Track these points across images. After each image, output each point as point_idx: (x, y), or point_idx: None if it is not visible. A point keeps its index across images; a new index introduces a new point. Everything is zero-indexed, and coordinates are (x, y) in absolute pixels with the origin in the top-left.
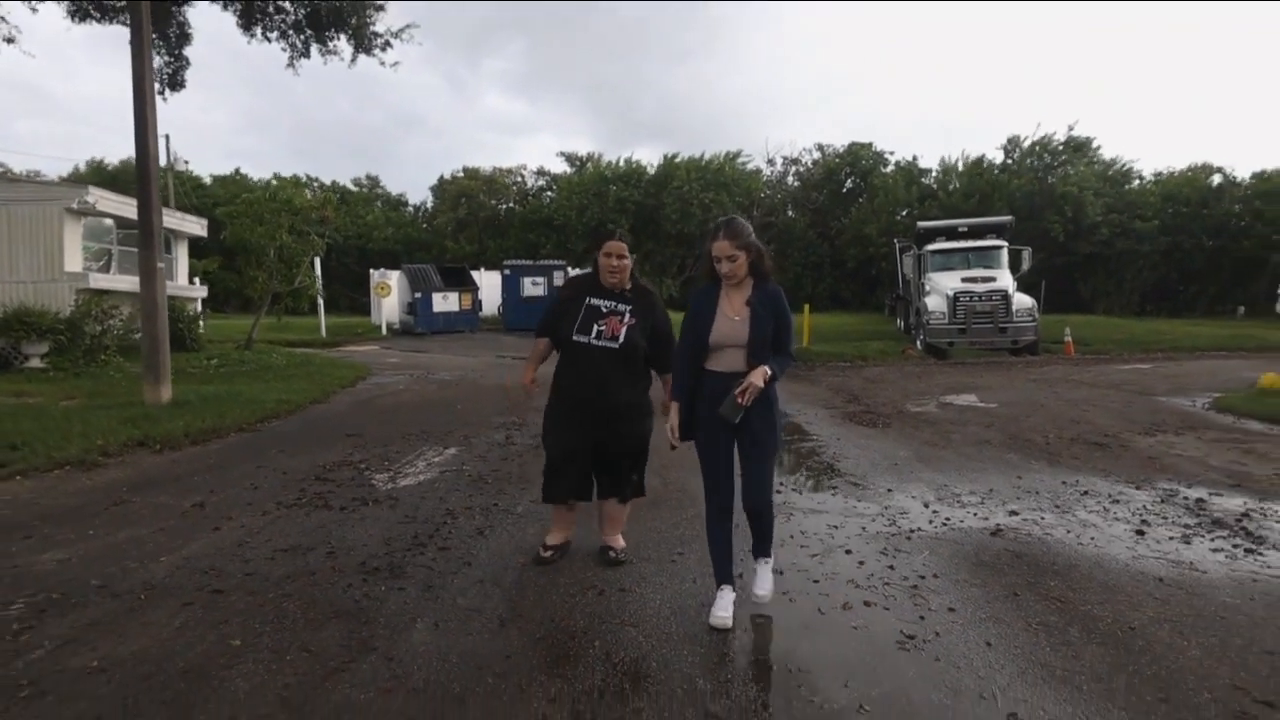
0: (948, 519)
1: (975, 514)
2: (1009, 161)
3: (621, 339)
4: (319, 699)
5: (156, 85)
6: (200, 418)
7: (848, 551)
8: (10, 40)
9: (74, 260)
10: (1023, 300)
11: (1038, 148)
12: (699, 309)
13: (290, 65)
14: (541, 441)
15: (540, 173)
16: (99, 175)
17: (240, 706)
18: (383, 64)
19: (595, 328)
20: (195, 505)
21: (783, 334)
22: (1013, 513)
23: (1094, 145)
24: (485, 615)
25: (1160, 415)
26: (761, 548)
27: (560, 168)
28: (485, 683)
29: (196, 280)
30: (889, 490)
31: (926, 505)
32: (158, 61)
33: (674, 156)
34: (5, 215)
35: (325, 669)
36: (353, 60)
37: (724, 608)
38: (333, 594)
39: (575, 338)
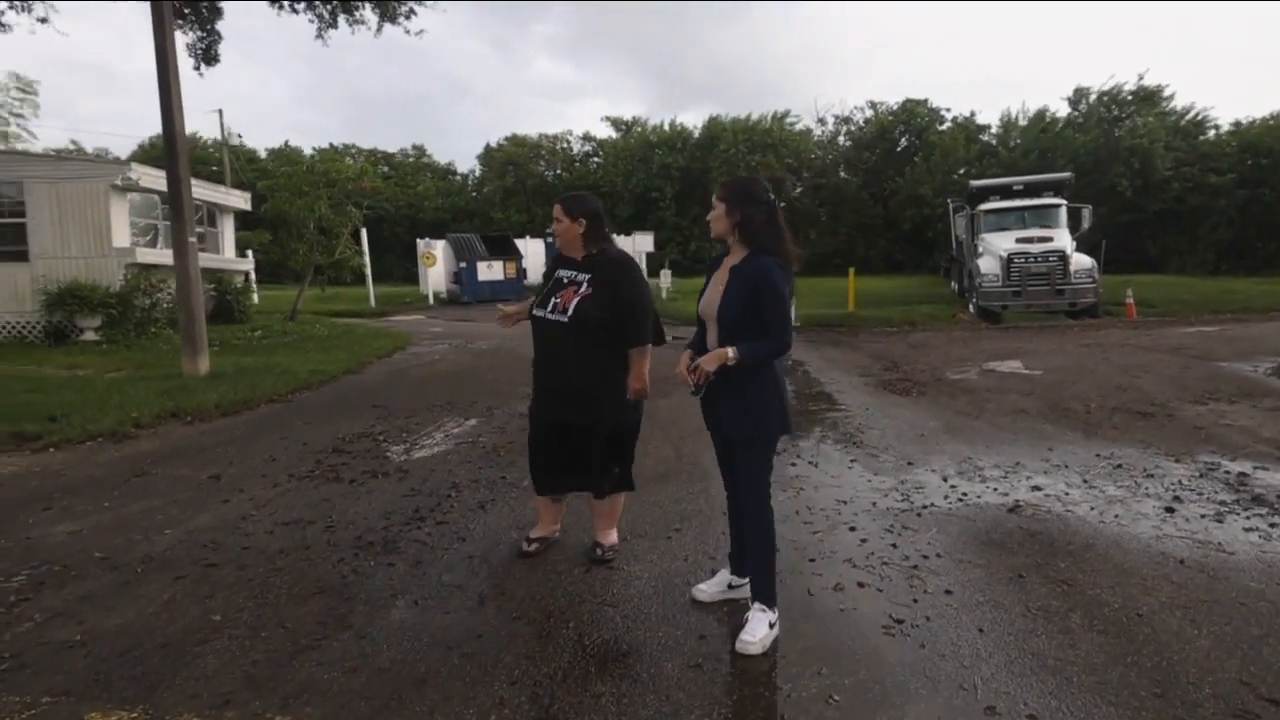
0: (964, 494)
1: (995, 489)
2: (1075, 114)
3: (570, 311)
4: (283, 677)
5: (191, 60)
6: (234, 389)
7: (852, 528)
8: (44, 20)
9: (122, 236)
10: (1081, 260)
11: (1106, 99)
12: (706, 276)
13: (319, 36)
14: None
15: (586, 138)
16: (157, 152)
17: (205, 683)
18: (408, 32)
19: (551, 300)
20: (211, 477)
21: (765, 313)
22: (1035, 488)
23: (1166, 94)
24: (466, 593)
25: (1216, 382)
26: (755, 582)
27: (606, 133)
28: (451, 664)
29: (249, 254)
30: (909, 463)
31: (945, 479)
32: (190, 37)
33: (720, 118)
34: (55, 193)
35: (296, 646)
36: (378, 29)
37: (708, 584)
38: (322, 569)
39: (535, 312)
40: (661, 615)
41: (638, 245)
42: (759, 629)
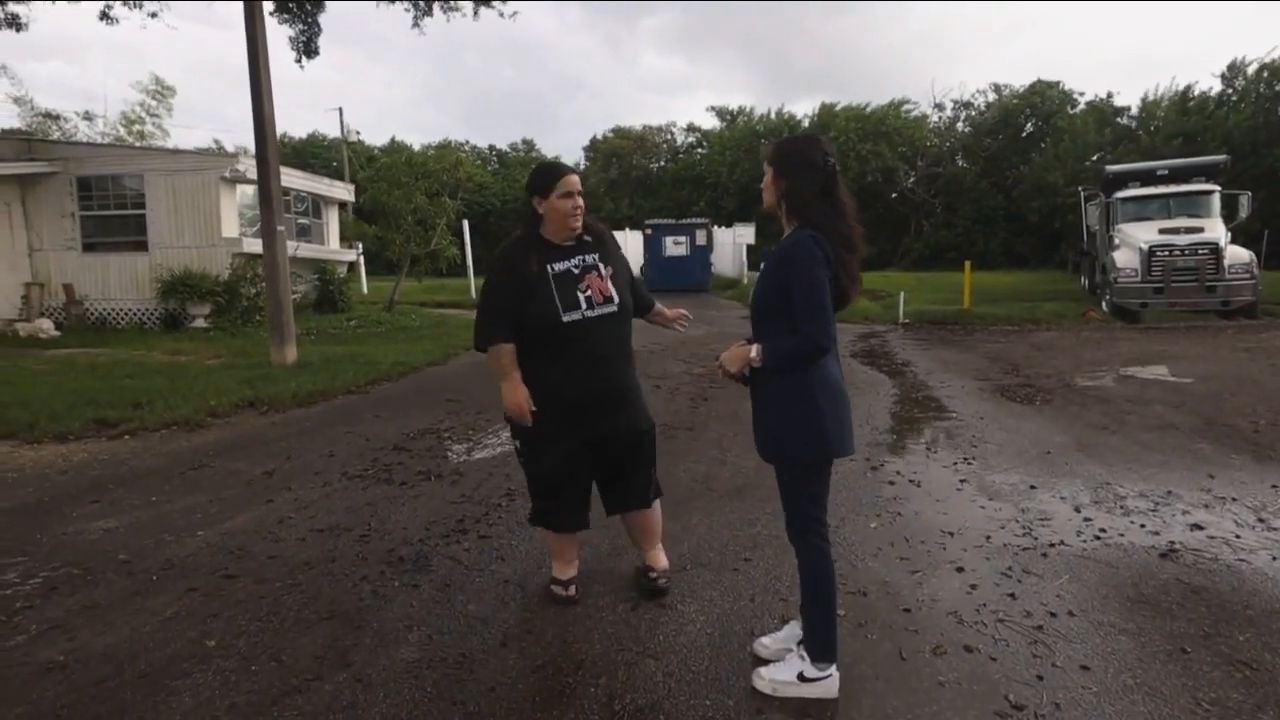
0: (1103, 530)
1: (1142, 525)
2: (1229, 92)
3: (617, 297)
4: None
5: (292, 54)
6: (314, 380)
7: (959, 569)
8: (154, 15)
9: (230, 226)
10: (1238, 254)
11: (1266, 72)
12: None
13: (415, 25)
14: (524, 465)
15: (691, 129)
16: (282, 149)
17: None
18: (501, 15)
19: (580, 296)
20: (265, 473)
21: (795, 303)
22: (1196, 526)
23: None
24: (490, 629)
25: None
26: (804, 618)
27: (711, 123)
28: None
29: (358, 245)
30: (1031, 487)
31: (1078, 510)
32: (291, 31)
33: (833, 105)
34: (171, 185)
35: (284, 686)
36: (475, 14)
37: (773, 638)
38: (341, 588)
39: (566, 318)
40: (713, 675)
41: (738, 237)
42: (782, 673)
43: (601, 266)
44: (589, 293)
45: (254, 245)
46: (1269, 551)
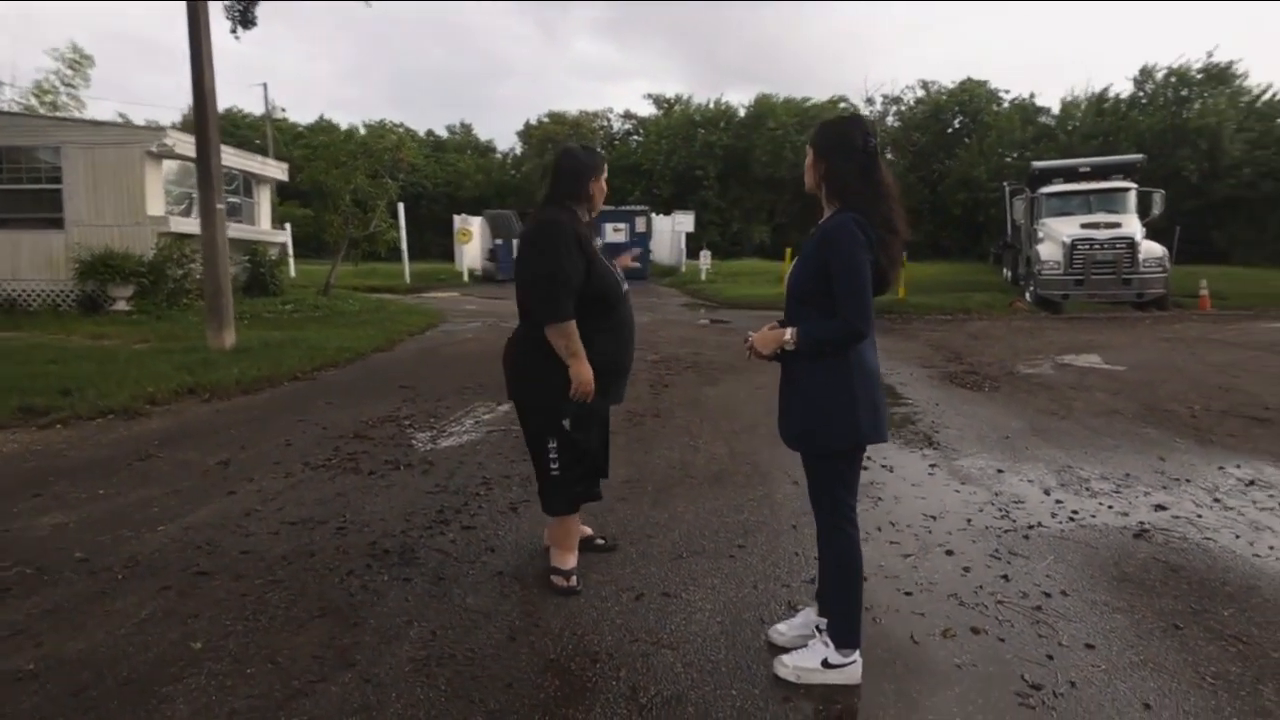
0: (1075, 512)
1: (1110, 507)
2: (1140, 95)
3: (623, 273)
4: None
5: (229, 24)
6: (257, 365)
7: (948, 552)
8: None
9: (156, 204)
10: (1152, 249)
11: (1174, 78)
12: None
13: None
14: (570, 445)
15: (627, 116)
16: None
17: None
18: None
19: (617, 269)
20: (220, 463)
21: (835, 286)
22: (1159, 507)
23: (1237, 73)
24: (495, 623)
25: None
26: (830, 614)
27: (648, 110)
28: None
29: (286, 226)
30: (999, 471)
31: (1047, 492)
32: None
33: (771, 97)
34: (91, 159)
35: (287, 690)
36: None
37: (789, 624)
38: (328, 584)
39: (624, 288)
40: (734, 664)
41: (677, 225)
42: (806, 660)
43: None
44: (618, 271)
45: (182, 224)
46: (1230, 530)
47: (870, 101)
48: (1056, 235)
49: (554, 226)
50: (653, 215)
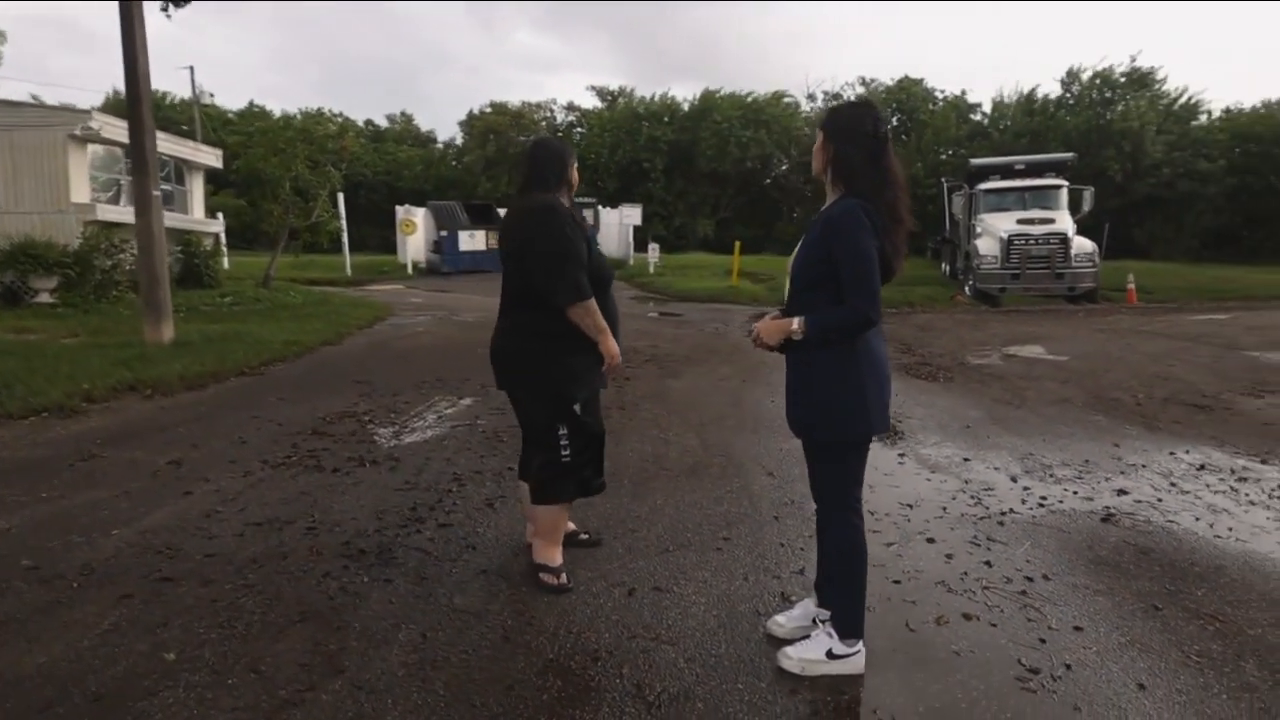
0: (1044, 498)
1: (1075, 492)
2: (1067, 96)
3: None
4: None
5: (160, 1)
6: (200, 360)
7: (929, 540)
8: None
9: (81, 191)
10: (1083, 244)
11: (1098, 80)
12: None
13: None
14: (579, 430)
15: (571, 108)
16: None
17: None
18: None
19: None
20: (171, 463)
21: (842, 274)
22: (1121, 491)
23: (1158, 78)
24: (486, 623)
25: (1260, 373)
26: (835, 605)
27: (591, 103)
28: None
29: (219, 216)
30: (965, 460)
31: (1014, 479)
32: None
33: (716, 91)
34: (9, 142)
35: (274, 700)
36: None
37: (787, 615)
38: (304, 586)
39: (611, 272)
40: (736, 657)
41: (625, 218)
42: (810, 650)
43: None
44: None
45: (110, 212)
46: (1190, 513)
47: (812, 98)
48: (994, 231)
49: (555, 210)
50: (600, 208)
